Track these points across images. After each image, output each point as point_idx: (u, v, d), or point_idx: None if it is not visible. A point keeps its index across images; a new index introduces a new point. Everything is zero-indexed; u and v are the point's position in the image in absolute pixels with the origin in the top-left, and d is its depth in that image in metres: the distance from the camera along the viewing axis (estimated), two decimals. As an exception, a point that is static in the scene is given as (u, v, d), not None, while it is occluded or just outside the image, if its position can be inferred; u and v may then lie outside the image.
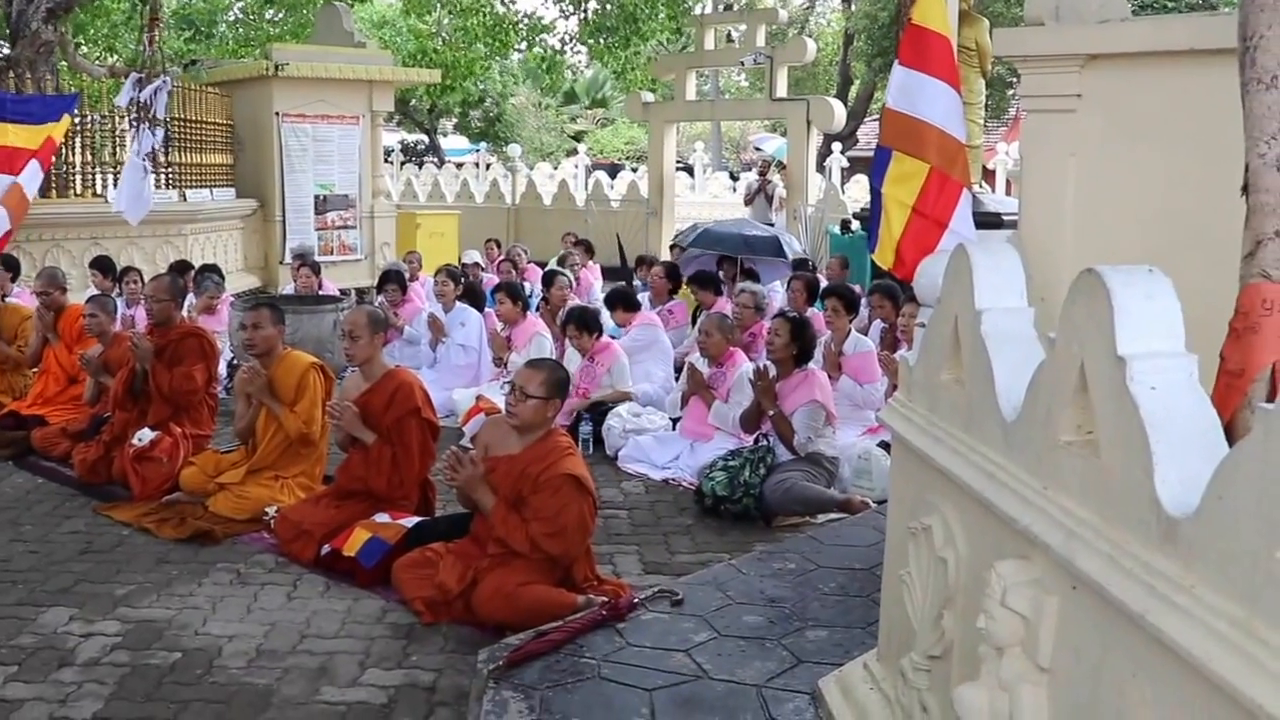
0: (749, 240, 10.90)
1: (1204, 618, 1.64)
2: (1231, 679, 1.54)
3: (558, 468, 4.52)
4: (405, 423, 5.44)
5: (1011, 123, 26.70)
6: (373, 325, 5.52)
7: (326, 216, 14.40)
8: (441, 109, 33.45)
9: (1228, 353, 2.62)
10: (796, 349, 6.36)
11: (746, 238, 10.92)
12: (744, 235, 10.95)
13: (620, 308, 8.93)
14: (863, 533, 5.28)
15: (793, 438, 6.17)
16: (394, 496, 5.43)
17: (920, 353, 3.03)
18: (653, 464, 7.01)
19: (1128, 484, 1.89)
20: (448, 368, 8.99)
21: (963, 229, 5.23)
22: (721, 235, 11.06)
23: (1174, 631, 1.68)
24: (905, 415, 3.03)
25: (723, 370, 7.16)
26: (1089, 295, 2.04)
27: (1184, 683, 1.67)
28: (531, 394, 4.59)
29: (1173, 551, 1.76)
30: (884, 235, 5.41)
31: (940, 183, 5.26)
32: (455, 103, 31.95)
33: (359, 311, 5.68)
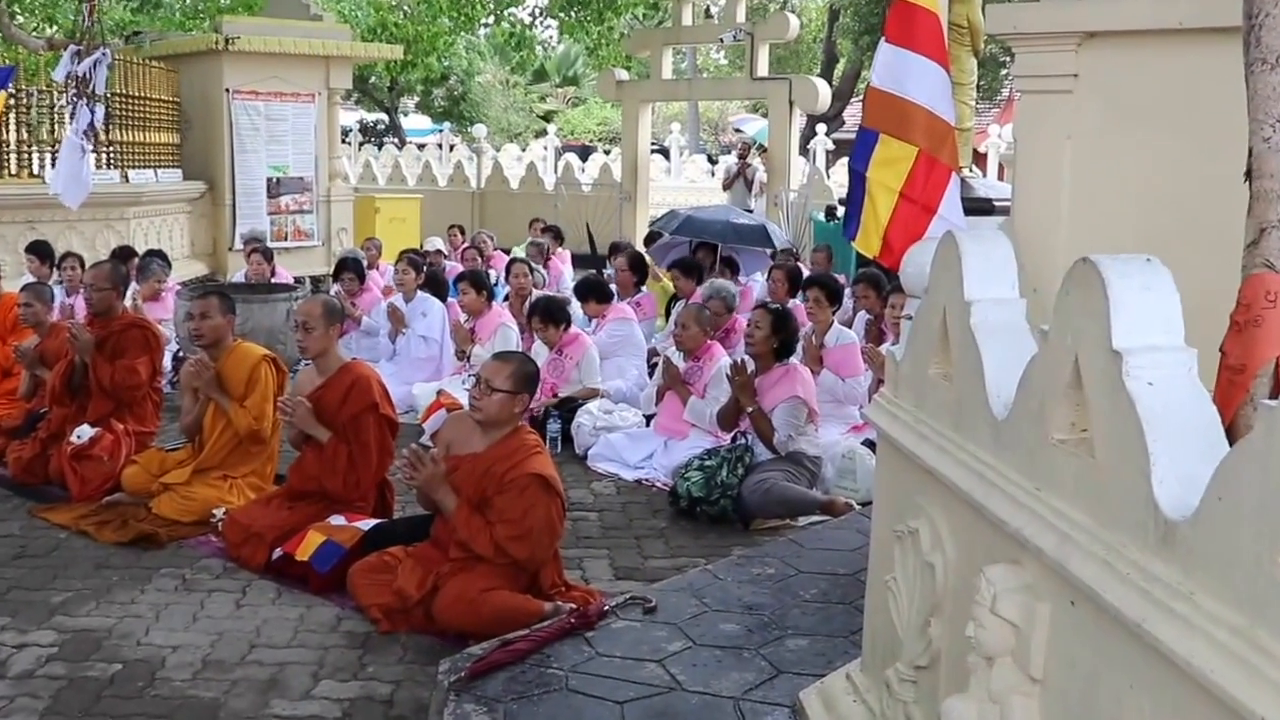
0: (738, 228, 10.91)
1: (1204, 626, 1.64)
2: (1233, 691, 1.54)
3: (524, 467, 4.51)
4: (362, 419, 5.42)
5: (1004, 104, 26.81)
6: (328, 316, 5.50)
7: (280, 200, 14.30)
8: (403, 87, 33.26)
9: (1229, 347, 2.63)
10: (777, 342, 6.36)
11: (735, 225, 10.92)
12: (732, 223, 10.95)
13: (592, 299, 8.91)
14: (846, 536, 5.29)
15: (773, 436, 6.18)
16: (350, 498, 5.41)
17: (907, 346, 3.03)
18: (625, 463, 7.01)
19: (1123, 485, 1.89)
20: (408, 361, 8.96)
21: (952, 215, 5.25)
22: (707, 222, 11.04)
23: (1172, 641, 1.68)
24: (891, 412, 3.03)
25: (699, 364, 7.17)
26: (1084, 286, 2.04)
27: (1183, 695, 1.67)
28: (498, 388, 4.57)
29: (1171, 556, 1.76)
30: (868, 221, 5.41)
31: (929, 167, 5.27)
32: (417, 80, 31.76)
33: (313, 301, 5.65)
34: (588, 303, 8.92)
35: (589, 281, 9.15)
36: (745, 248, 11.09)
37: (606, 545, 5.70)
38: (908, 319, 3.44)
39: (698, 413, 6.98)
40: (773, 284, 9.44)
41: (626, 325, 8.73)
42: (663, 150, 26.35)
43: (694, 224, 11.11)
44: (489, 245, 13.22)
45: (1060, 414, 2.13)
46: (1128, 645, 1.81)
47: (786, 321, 6.43)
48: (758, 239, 10.99)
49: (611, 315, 8.80)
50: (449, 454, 4.70)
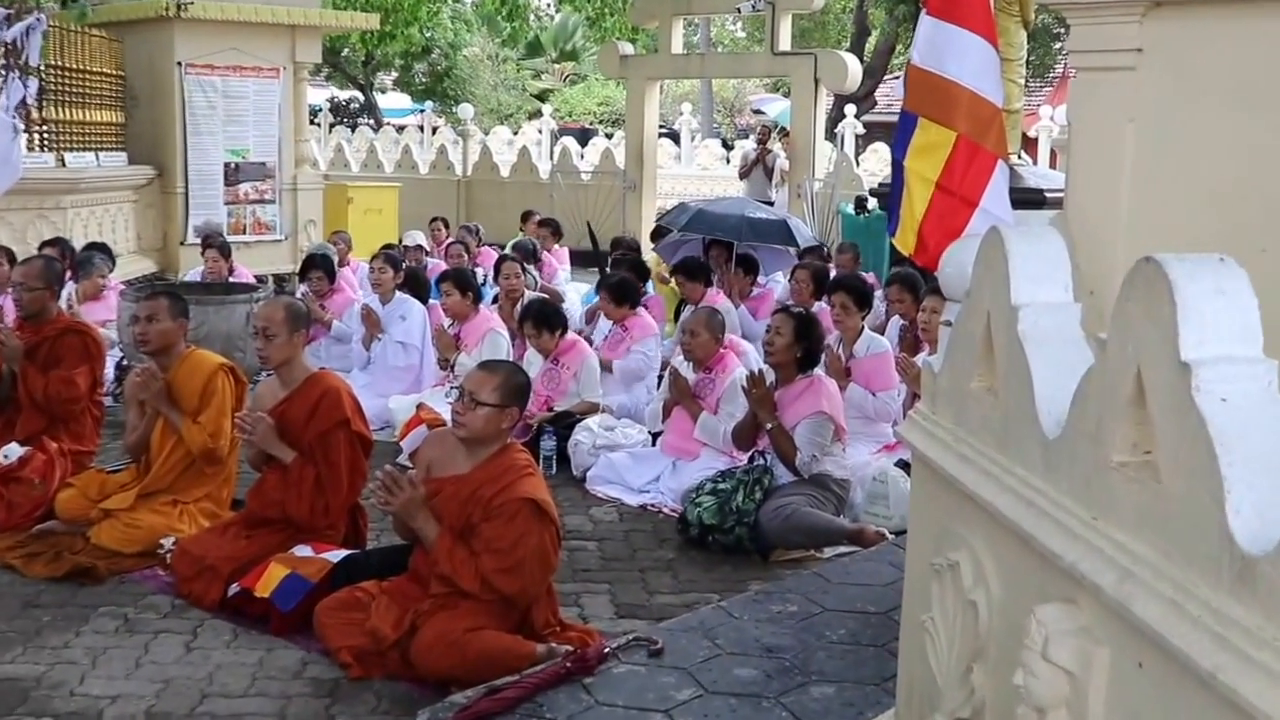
0: (754, 224, 10.84)
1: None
2: (1318, 750, 1.53)
3: (514, 490, 4.52)
4: (331, 437, 5.42)
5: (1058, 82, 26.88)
6: (291, 320, 5.50)
7: (239, 188, 14.35)
8: (379, 61, 33.38)
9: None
10: (800, 351, 6.37)
11: (752, 221, 10.86)
12: (748, 217, 10.89)
13: (615, 299, 8.83)
14: (877, 569, 5.29)
15: (795, 456, 6.18)
16: (317, 525, 5.41)
17: (946, 356, 3.03)
18: (628, 486, 7.03)
19: (1193, 515, 1.89)
20: (383, 370, 8.98)
21: (996, 209, 5.25)
22: (720, 217, 10.99)
23: (1252, 694, 1.67)
24: (928, 430, 3.03)
25: (711, 376, 7.17)
26: (1147, 289, 2.03)
27: (1261, 754, 1.66)
28: (483, 401, 4.58)
29: (1249, 596, 1.76)
30: (905, 216, 5.42)
31: (970, 154, 5.27)
32: (396, 54, 31.89)
33: (274, 304, 5.66)
34: (614, 303, 8.87)
35: (622, 282, 9.06)
36: (765, 245, 11.09)
37: (607, 579, 5.70)
38: (946, 325, 3.44)
39: (710, 430, 6.98)
40: (795, 286, 9.44)
41: (652, 343, 8.75)
42: (672, 134, 26.36)
43: (705, 219, 11.07)
44: (476, 240, 13.25)
45: (1120, 433, 2.13)
46: (1200, 697, 1.80)
47: (810, 327, 6.43)
48: (778, 235, 10.96)
49: (638, 331, 8.78)
50: (429, 476, 4.71)
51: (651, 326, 8.98)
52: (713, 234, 11.03)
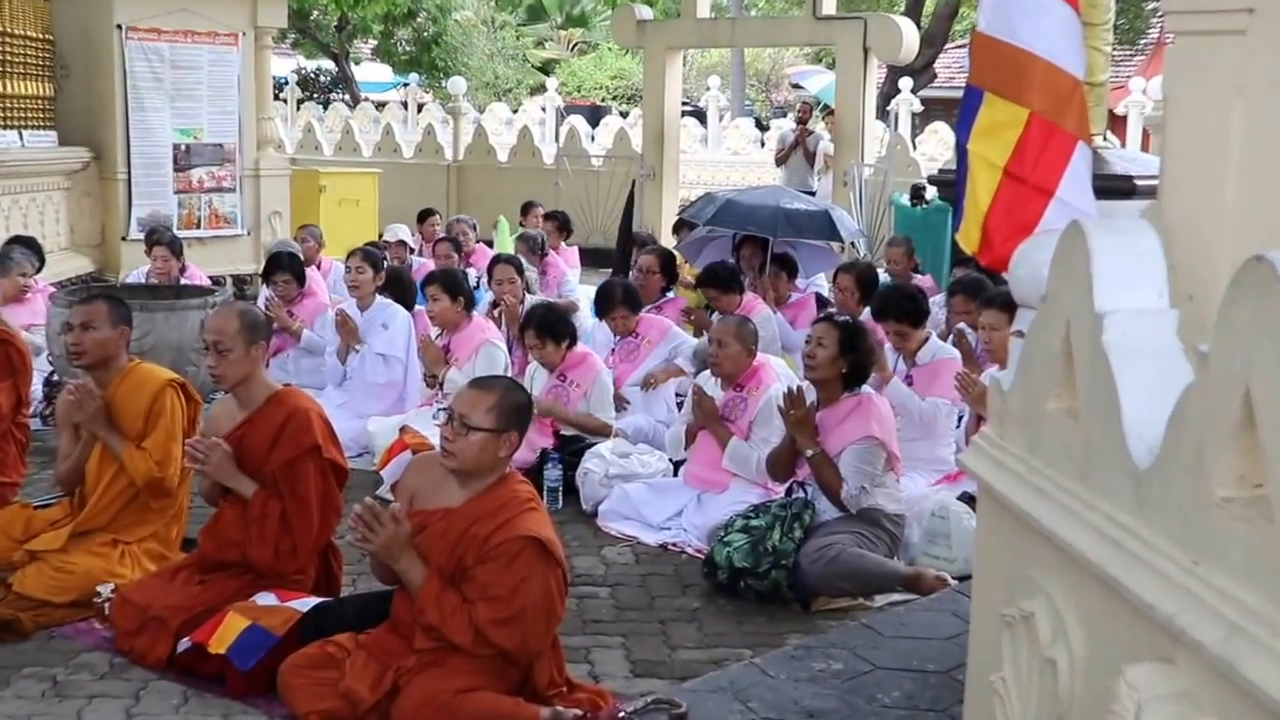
0: (792, 216, 10.81)
1: None
2: None
3: (514, 527, 4.51)
4: (299, 465, 5.41)
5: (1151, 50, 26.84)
6: (248, 331, 5.46)
7: (191, 175, 14.37)
8: (356, 27, 33.50)
9: None
10: (846, 365, 6.36)
11: (789, 213, 10.82)
12: (784, 209, 10.85)
13: (621, 306, 8.90)
14: (937, 621, 5.28)
15: (840, 488, 6.17)
16: (283, 569, 5.40)
17: (1017, 372, 3.03)
18: (646, 523, 7.03)
19: (1313, 558, 1.88)
20: (361, 388, 8.98)
21: (1076, 199, 5.23)
22: (752, 208, 10.94)
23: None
24: (996, 458, 3.02)
25: (742, 394, 7.17)
26: (1258, 293, 2.02)
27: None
28: (476, 425, 4.57)
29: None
30: (969, 208, 5.41)
31: (1045, 135, 5.25)
32: (375, 18, 32.01)
33: (226, 312, 5.60)
34: (615, 311, 8.88)
35: (627, 288, 9.05)
36: (805, 242, 11.08)
37: (622, 631, 5.69)
38: (1018, 337, 3.43)
39: (741, 458, 6.98)
40: (839, 293, 9.44)
41: (678, 332, 8.79)
42: (697, 113, 26.45)
43: (735, 211, 11.04)
44: (469, 236, 13.26)
45: (1226, 463, 2.12)
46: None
47: (858, 338, 6.42)
48: (820, 229, 10.92)
49: (653, 332, 8.79)
50: (414, 510, 4.70)
51: (664, 323, 9.03)
52: (743, 228, 11.01)
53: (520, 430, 4.70)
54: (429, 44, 35.00)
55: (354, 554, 5.36)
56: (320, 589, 5.50)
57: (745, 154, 24.35)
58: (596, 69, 41.98)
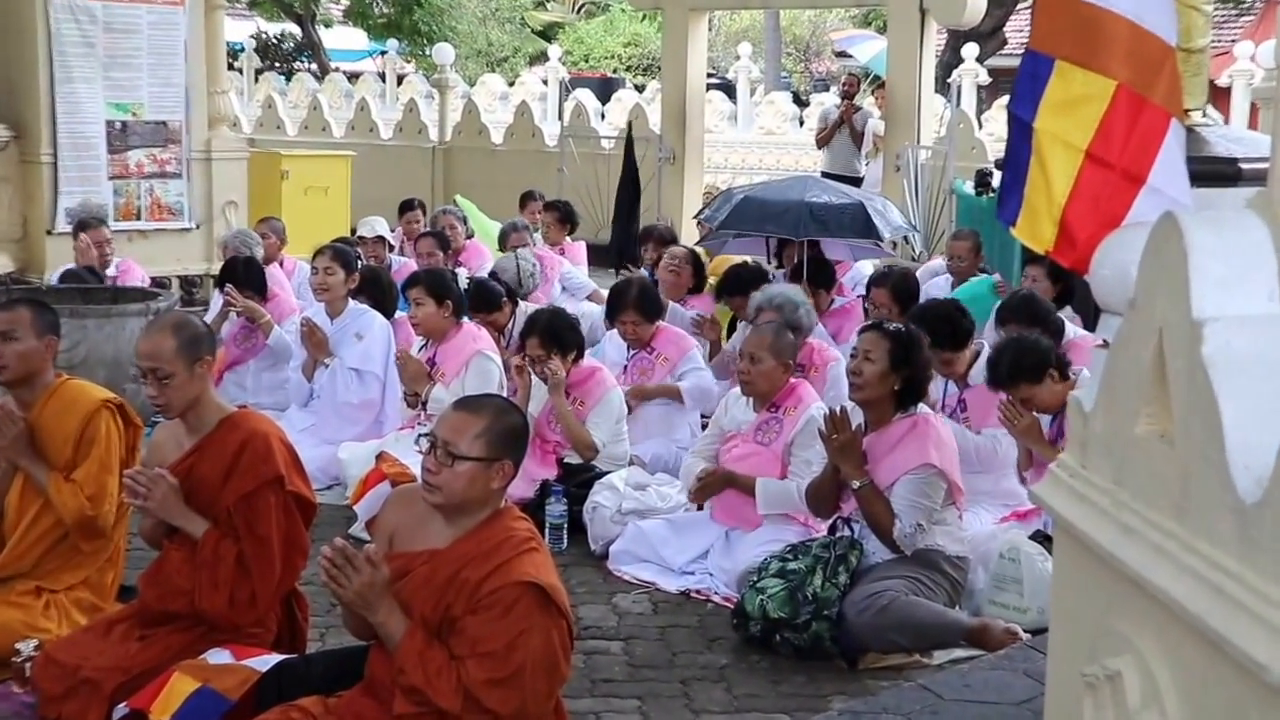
0: (818, 211, 10.71)
1: None
2: None
3: (510, 571, 4.50)
4: (258, 500, 5.38)
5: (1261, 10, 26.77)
6: (188, 348, 5.35)
7: (129, 158, 14.31)
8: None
9: None
10: (899, 382, 6.34)
11: (814, 208, 10.72)
12: (807, 204, 10.72)
13: (632, 310, 8.88)
14: (1008, 682, 5.25)
15: (893, 525, 6.16)
16: (239, 621, 5.38)
17: (1101, 389, 3.02)
18: (665, 566, 7.03)
19: None
20: (332, 408, 8.96)
21: (1170, 187, 5.22)
22: (770, 205, 10.85)
23: None
24: (1076, 490, 3.01)
25: (778, 415, 7.15)
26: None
27: None
28: (463, 454, 4.56)
29: None
30: (1035, 198, 5.39)
31: (1134, 110, 5.24)
32: (347, -25, 32.09)
33: (158, 331, 5.37)
34: (625, 316, 8.87)
35: (644, 291, 9.05)
36: (840, 241, 11.03)
37: (638, 693, 5.68)
38: (1102, 347, 3.43)
39: (776, 497, 6.93)
40: (873, 308, 9.37)
41: (697, 354, 8.86)
42: (725, 86, 26.45)
43: (751, 210, 10.92)
44: (458, 230, 13.23)
45: (1346, 496, 2.12)
46: None
47: (911, 349, 6.40)
48: (853, 225, 10.79)
49: (671, 349, 8.82)
50: (394, 551, 4.70)
51: (685, 337, 9.01)
52: (761, 230, 10.96)
53: (515, 458, 4.69)
54: (410, 5, 34.95)
55: (323, 602, 5.35)
56: (283, 644, 5.47)
57: (781, 134, 24.29)
58: (606, 35, 42.03)
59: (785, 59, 38.70)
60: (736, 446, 7.22)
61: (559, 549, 7.07)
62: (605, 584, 6.96)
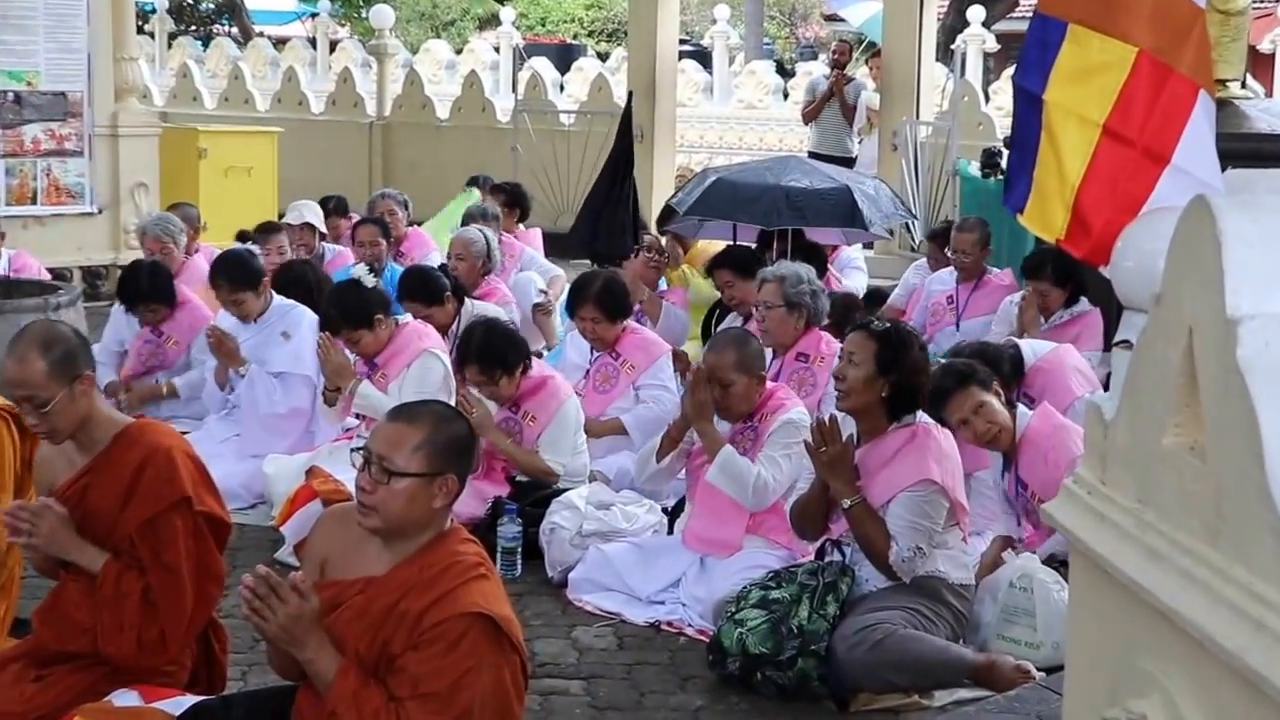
0: (793, 197, 10.65)
1: None
2: None
3: (456, 602, 4.48)
4: (164, 525, 5.30)
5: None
6: (61, 367, 5.15)
7: (23, 132, 14.27)
8: (248, -61, 33.55)
9: None
10: (888, 388, 6.30)
11: (789, 194, 10.65)
12: (784, 189, 10.69)
13: (593, 306, 8.85)
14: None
15: (888, 549, 6.16)
16: (145, 662, 5.34)
17: (1124, 395, 3.02)
18: (632, 595, 7.03)
19: None
20: (255, 420, 8.85)
21: (1198, 167, 5.23)
22: (742, 189, 10.76)
23: None
24: (1095, 509, 3.01)
25: (752, 424, 7.10)
26: None
27: None
28: (400, 469, 4.53)
29: None
30: (1046, 180, 5.40)
31: (1157, 80, 5.26)
32: (273, -73, 32.05)
33: (23, 352, 5.15)
34: (584, 311, 8.86)
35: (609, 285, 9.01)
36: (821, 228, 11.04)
37: (600, 739, 5.69)
38: (1124, 348, 3.43)
39: (733, 473, 6.91)
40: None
41: (666, 366, 8.79)
42: (700, 54, 26.48)
43: (719, 194, 10.83)
44: (398, 217, 13.17)
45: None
46: None
47: (901, 349, 6.35)
48: (836, 213, 10.76)
49: (639, 355, 8.81)
50: (326, 580, 4.68)
51: (657, 344, 8.93)
52: (731, 217, 10.91)
53: (460, 472, 4.66)
54: (345, -40, 35.07)
55: (245, 637, 5.32)
56: (199, 683, 5.42)
57: (763, 108, 24.36)
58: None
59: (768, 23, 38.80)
60: (706, 464, 7.16)
61: (512, 576, 7.08)
62: (564, 615, 6.96)
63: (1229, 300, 2.58)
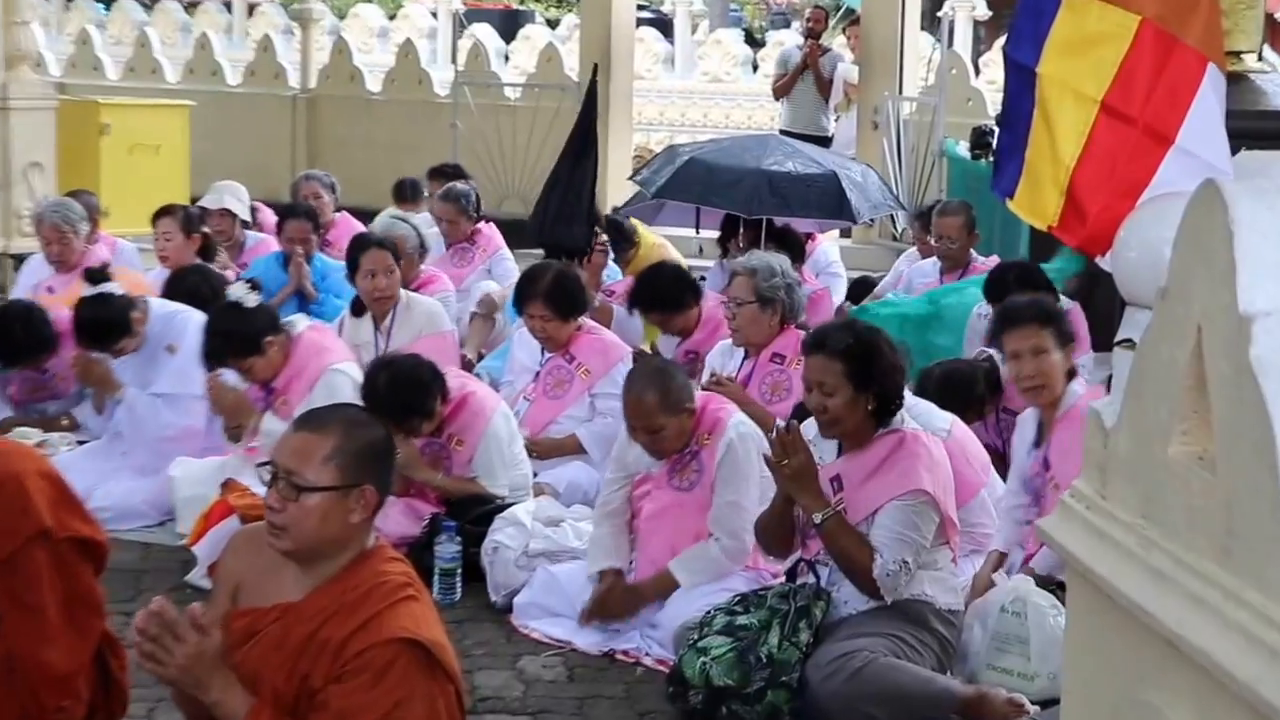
0: (776, 182, 10.64)
1: None
2: None
3: (382, 628, 4.44)
4: (23, 563, 5.13)
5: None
6: None
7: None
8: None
9: None
10: (872, 400, 6.28)
11: (772, 178, 10.64)
12: (766, 173, 10.67)
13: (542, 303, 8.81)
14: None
15: (870, 562, 6.15)
16: (27, 711, 5.28)
17: (1126, 401, 3.02)
18: (583, 622, 7.04)
19: None
20: (141, 445, 8.69)
21: (1205, 149, 5.25)
22: (720, 171, 10.73)
23: None
24: (1095, 526, 3.02)
25: (693, 450, 7.08)
26: None
27: None
28: (311, 483, 4.48)
29: None
30: (1038, 163, 5.41)
31: (1161, 53, 5.28)
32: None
33: None
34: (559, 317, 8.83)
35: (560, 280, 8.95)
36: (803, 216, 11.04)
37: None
38: (1127, 348, 3.44)
39: (698, 571, 6.86)
40: None
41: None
42: (661, 22, 26.51)
43: (693, 175, 10.73)
44: (325, 202, 13.11)
45: None
46: None
47: (871, 358, 6.29)
48: (821, 202, 10.75)
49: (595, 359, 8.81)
50: (239, 608, 4.66)
51: (615, 346, 8.90)
52: (705, 202, 10.87)
53: (379, 481, 4.62)
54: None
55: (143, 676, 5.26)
56: (98, 711, 5.33)
57: (730, 81, 24.40)
58: (511, -46, 42.13)
59: (735, -12, 38.89)
60: (649, 495, 7.15)
61: (451, 600, 7.08)
62: (509, 644, 6.95)
63: (1241, 295, 2.58)
